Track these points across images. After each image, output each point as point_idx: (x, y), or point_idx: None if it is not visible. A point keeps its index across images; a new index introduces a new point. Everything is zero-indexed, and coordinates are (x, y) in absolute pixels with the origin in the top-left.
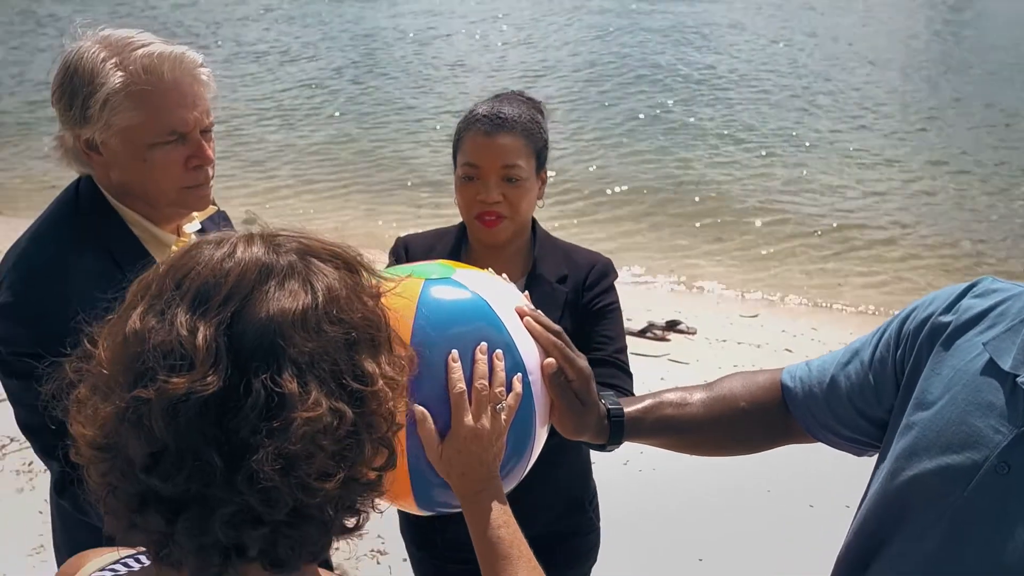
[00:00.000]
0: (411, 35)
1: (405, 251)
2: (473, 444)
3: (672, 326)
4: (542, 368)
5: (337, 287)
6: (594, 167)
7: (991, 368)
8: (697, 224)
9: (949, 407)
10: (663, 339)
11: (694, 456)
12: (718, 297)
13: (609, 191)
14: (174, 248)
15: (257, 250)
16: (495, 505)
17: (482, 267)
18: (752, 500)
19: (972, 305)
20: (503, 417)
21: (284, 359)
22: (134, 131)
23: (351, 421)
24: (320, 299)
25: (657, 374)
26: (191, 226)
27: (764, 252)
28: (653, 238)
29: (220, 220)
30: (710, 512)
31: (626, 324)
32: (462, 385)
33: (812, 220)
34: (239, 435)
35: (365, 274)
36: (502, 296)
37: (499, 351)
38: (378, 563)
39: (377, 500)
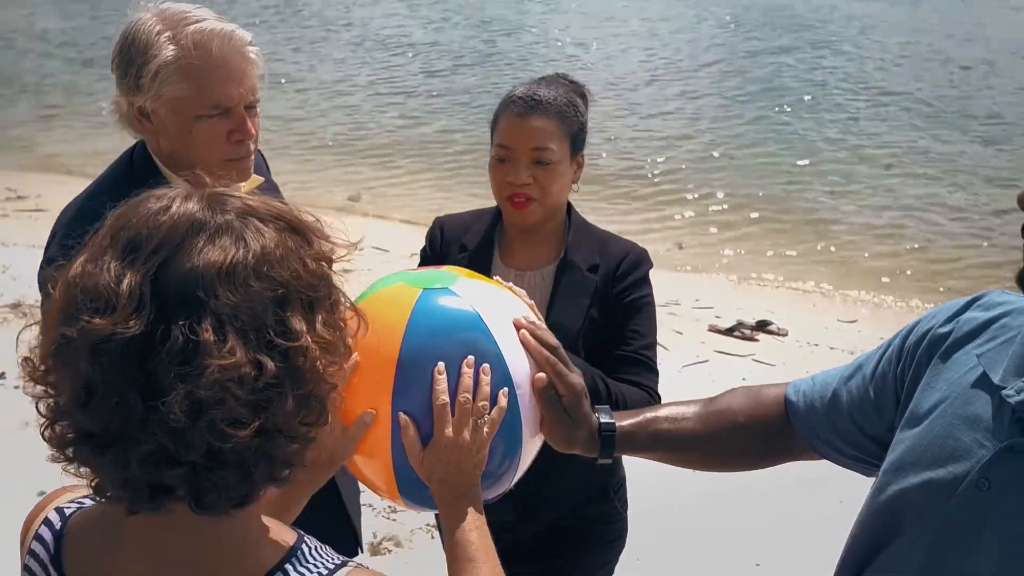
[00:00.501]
0: (533, 26)
1: (440, 232)
2: (453, 455)
3: (762, 326)
4: (532, 383)
5: (272, 246)
6: (709, 168)
7: (983, 381)
8: (809, 231)
9: (939, 420)
10: (751, 339)
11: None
12: (817, 299)
13: (721, 195)
14: None
15: (193, 206)
16: (471, 511)
17: (515, 249)
18: (821, 509)
19: (973, 318)
20: (485, 431)
21: (205, 309)
22: (182, 103)
23: (273, 373)
24: (251, 255)
25: (740, 374)
26: None
27: (875, 264)
28: (759, 242)
29: (269, 191)
30: (769, 517)
31: (714, 321)
32: (445, 397)
33: (934, 237)
34: (157, 377)
35: (315, 239)
36: (499, 308)
37: (486, 365)
38: (432, 537)
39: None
